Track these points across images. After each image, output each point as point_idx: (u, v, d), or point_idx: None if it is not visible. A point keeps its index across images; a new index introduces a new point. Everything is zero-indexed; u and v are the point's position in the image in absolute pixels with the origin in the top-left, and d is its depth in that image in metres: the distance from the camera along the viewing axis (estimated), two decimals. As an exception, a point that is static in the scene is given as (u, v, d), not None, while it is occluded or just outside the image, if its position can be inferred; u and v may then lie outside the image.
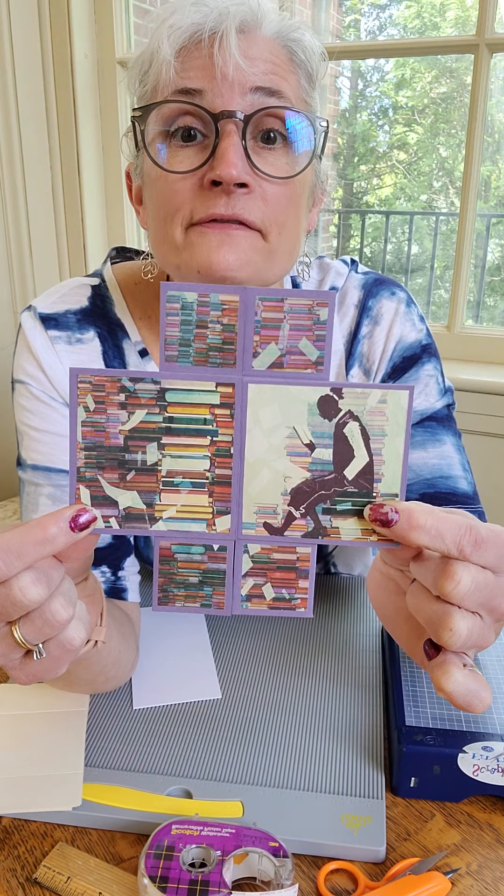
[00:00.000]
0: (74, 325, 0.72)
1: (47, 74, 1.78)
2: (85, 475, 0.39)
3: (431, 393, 0.74)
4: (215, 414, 0.39)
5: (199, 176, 0.59)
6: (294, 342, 0.38)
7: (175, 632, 0.78)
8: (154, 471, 0.39)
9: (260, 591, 0.41)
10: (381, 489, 0.39)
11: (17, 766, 0.59)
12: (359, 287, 0.76)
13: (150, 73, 0.62)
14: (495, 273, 3.13)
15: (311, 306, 0.38)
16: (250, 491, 0.39)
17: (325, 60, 0.66)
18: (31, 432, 0.71)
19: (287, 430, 0.39)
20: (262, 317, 0.38)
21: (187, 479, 0.39)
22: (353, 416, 0.39)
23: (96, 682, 0.63)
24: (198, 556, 0.40)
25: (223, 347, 0.38)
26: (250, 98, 0.58)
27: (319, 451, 0.39)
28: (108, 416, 0.39)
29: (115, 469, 0.39)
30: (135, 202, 0.70)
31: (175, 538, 0.40)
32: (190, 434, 0.39)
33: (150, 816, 0.54)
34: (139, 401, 0.39)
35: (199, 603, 0.41)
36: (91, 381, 0.38)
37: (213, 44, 0.58)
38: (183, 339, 0.38)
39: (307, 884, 0.51)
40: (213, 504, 0.40)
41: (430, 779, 0.56)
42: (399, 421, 0.39)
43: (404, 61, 3.62)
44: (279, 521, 0.40)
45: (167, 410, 0.39)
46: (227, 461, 0.39)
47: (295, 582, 0.41)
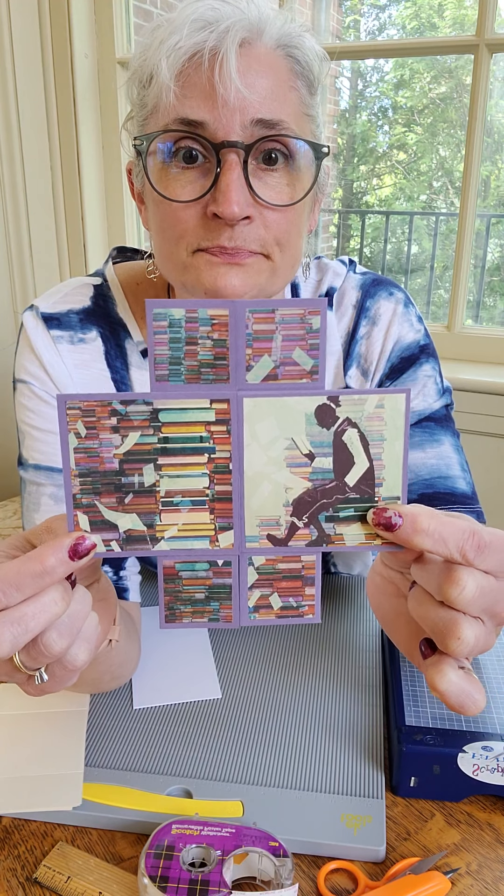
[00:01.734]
0: (77, 324, 0.72)
1: (47, 74, 1.78)
2: (81, 501, 0.39)
3: (430, 393, 0.74)
4: (211, 431, 0.38)
5: (203, 204, 0.59)
6: (287, 353, 0.38)
7: (175, 632, 0.78)
8: (153, 492, 0.39)
9: (267, 601, 0.41)
10: (383, 493, 0.39)
11: (17, 766, 0.59)
12: (357, 287, 0.76)
13: (150, 92, 0.61)
14: (495, 273, 3.13)
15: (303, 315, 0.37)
16: (252, 505, 0.39)
17: (325, 62, 0.66)
18: (33, 432, 0.71)
19: (285, 441, 0.38)
20: (254, 329, 0.37)
21: (187, 497, 0.39)
22: (352, 423, 0.38)
23: (102, 682, 0.63)
24: (203, 573, 0.40)
25: (215, 363, 0.37)
26: (251, 129, 0.58)
27: (319, 460, 0.39)
28: (101, 441, 0.38)
29: (112, 493, 0.39)
30: (137, 200, 0.70)
31: (178, 557, 0.40)
32: (187, 453, 0.38)
33: (150, 816, 0.54)
34: (132, 423, 0.38)
35: (206, 618, 0.41)
36: (80, 407, 0.37)
37: (213, 67, 0.57)
38: (173, 357, 0.37)
39: (307, 883, 0.51)
40: (214, 521, 0.39)
41: (430, 778, 0.57)
42: (397, 424, 0.38)
43: (403, 62, 3.62)
44: (282, 532, 0.40)
45: (161, 431, 0.38)
46: (227, 477, 0.39)
47: (301, 590, 0.41)
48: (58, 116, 1.80)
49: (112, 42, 1.79)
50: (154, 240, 0.66)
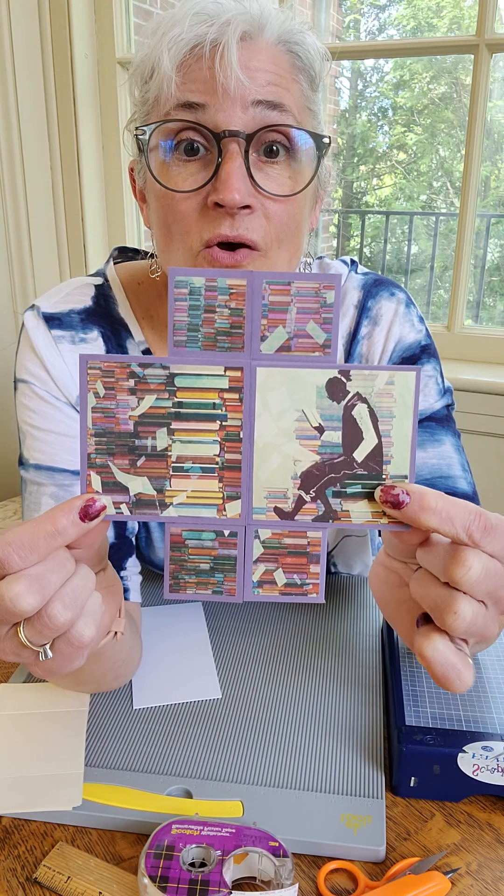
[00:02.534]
0: (78, 324, 0.72)
1: (47, 74, 1.78)
2: (95, 461, 0.39)
3: (431, 393, 0.74)
4: (224, 398, 0.39)
5: (203, 195, 0.59)
6: (301, 325, 0.38)
7: (175, 632, 0.78)
8: (164, 456, 0.39)
9: (271, 576, 0.41)
10: (391, 471, 0.39)
11: (17, 766, 0.59)
12: (358, 287, 0.76)
13: (152, 84, 0.62)
14: (495, 273, 3.13)
15: (318, 289, 0.38)
16: (260, 475, 0.39)
17: (327, 60, 0.66)
18: (34, 432, 0.71)
19: (296, 413, 0.39)
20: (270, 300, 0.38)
21: (197, 464, 0.39)
22: (362, 399, 0.39)
23: (105, 680, 0.63)
24: (209, 543, 0.40)
25: (231, 331, 0.38)
26: (252, 112, 0.58)
27: (328, 433, 0.39)
28: (118, 402, 0.39)
29: (125, 455, 0.39)
30: (139, 199, 0.70)
31: (185, 524, 0.40)
32: (199, 419, 0.39)
33: (150, 816, 0.54)
34: (148, 386, 0.39)
35: (210, 590, 0.41)
36: (101, 368, 0.39)
37: (214, 57, 0.57)
38: (191, 324, 0.38)
39: (307, 883, 0.51)
40: (223, 489, 0.40)
41: (430, 778, 0.57)
42: (407, 402, 0.39)
43: (402, 62, 3.62)
44: (289, 505, 0.40)
45: (176, 395, 0.39)
46: (237, 446, 0.39)
47: (306, 567, 0.41)
48: (58, 116, 1.80)
49: (112, 42, 1.79)
50: (156, 236, 0.66)
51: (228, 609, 0.83)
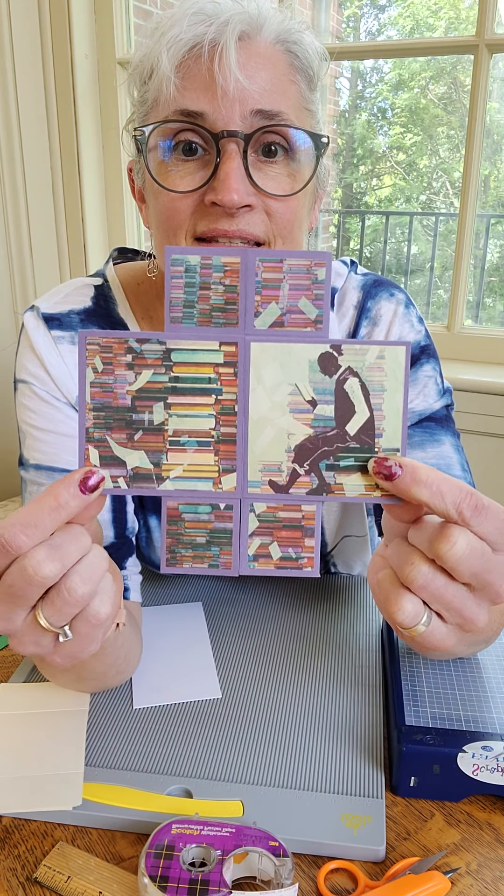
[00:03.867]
0: (78, 324, 0.72)
1: (47, 74, 1.78)
2: (93, 436, 0.40)
3: (430, 394, 0.74)
4: (219, 373, 0.40)
5: (201, 195, 0.59)
6: (294, 301, 0.39)
7: (175, 632, 0.78)
8: (161, 430, 0.40)
9: (267, 550, 0.41)
10: (383, 444, 0.40)
11: (17, 766, 0.59)
12: (358, 288, 0.76)
13: (151, 85, 0.62)
14: (494, 273, 3.13)
15: (310, 266, 0.39)
16: (255, 449, 0.40)
17: (325, 60, 0.66)
18: (34, 432, 0.71)
19: (289, 387, 0.40)
20: (263, 277, 0.39)
21: (193, 438, 0.40)
22: (353, 373, 0.39)
23: (107, 676, 0.63)
24: (205, 516, 0.41)
25: (226, 308, 0.39)
26: (251, 120, 0.59)
27: (321, 407, 0.40)
28: (116, 377, 0.40)
29: (122, 429, 0.40)
30: (138, 199, 0.70)
31: (182, 497, 0.41)
32: (195, 393, 0.40)
33: (150, 816, 0.54)
34: (145, 361, 0.40)
35: (206, 563, 0.41)
36: (99, 343, 0.39)
37: (212, 58, 0.58)
38: (187, 300, 0.39)
39: (307, 883, 0.51)
40: (218, 462, 0.40)
41: (430, 778, 0.57)
42: (398, 376, 0.39)
43: (401, 63, 3.62)
44: (284, 478, 0.40)
45: (173, 370, 0.40)
46: (232, 419, 0.40)
47: (301, 541, 0.41)
48: (58, 116, 1.80)
49: (112, 42, 1.79)
50: (154, 235, 0.66)
51: (228, 609, 0.83)
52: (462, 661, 0.68)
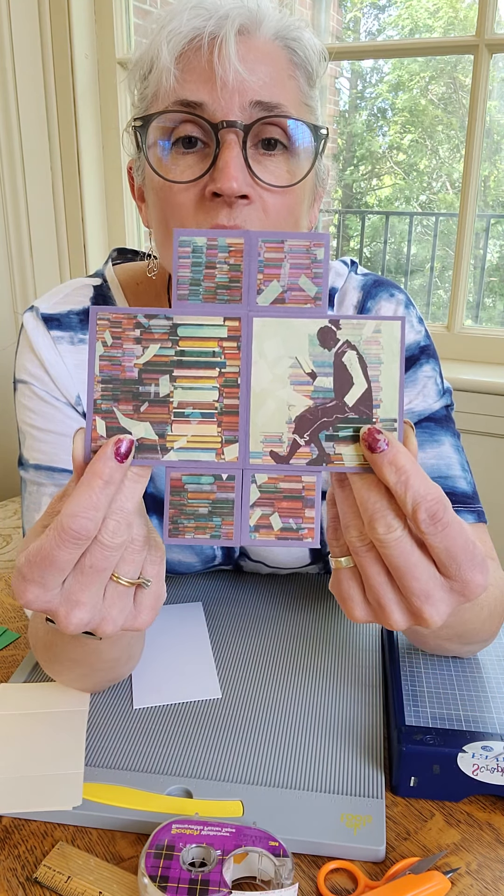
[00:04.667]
0: (77, 325, 0.72)
1: (47, 74, 1.78)
2: (101, 407, 0.41)
3: (430, 394, 0.74)
4: (223, 347, 0.41)
5: (201, 186, 0.59)
6: (294, 279, 0.41)
7: (175, 631, 0.78)
8: (166, 402, 0.41)
9: (268, 521, 0.42)
10: (380, 415, 0.41)
11: (17, 766, 0.59)
12: (358, 288, 0.76)
13: (151, 78, 0.62)
14: (494, 273, 3.13)
15: (309, 246, 0.41)
16: (257, 420, 0.41)
17: (325, 59, 0.66)
18: (34, 432, 0.71)
19: (290, 360, 0.41)
20: (265, 257, 0.41)
21: (197, 409, 0.41)
22: (351, 346, 0.41)
23: (119, 663, 0.63)
24: (207, 487, 0.42)
25: (230, 285, 0.41)
26: (250, 111, 0.59)
27: (321, 379, 0.41)
28: (124, 351, 0.41)
29: (129, 401, 0.41)
30: (137, 199, 0.70)
31: (186, 468, 0.42)
32: (200, 366, 0.41)
33: (150, 816, 0.54)
34: (153, 336, 0.41)
35: (208, 534, 0.42)
36: (109, 318, 0.41)
37: (212, 50, 0.58)
38: (193, 279, 0.41)
39: (307, 883, 0.51)
40: (221, 433, 0.41)
41: (430, 778, 0.57)
42: (394, 349, 0.41)
43: (401, 64, 3.62)
44: (284, 449, 0.41)
45: (179, 344, 0.41)
46: (235, 391, 0.41)
47: (301, 511, 0.42)
48: (58, 116, 1.80)
49: (112, 42, 1.79)
50: (154, 233, 0.66)
51: (228, 609, 0.83)
52: (462, 661, 0.68)
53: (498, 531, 1.46)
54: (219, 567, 0.87)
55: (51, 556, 0.40)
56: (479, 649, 0.67)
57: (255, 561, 0.84)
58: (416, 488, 0.39)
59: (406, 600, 0.43)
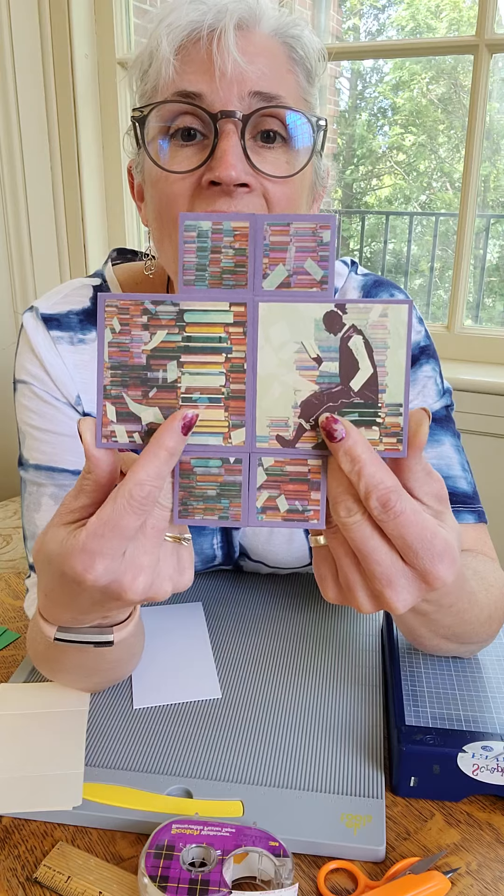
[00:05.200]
0: (76, 325, 0.72)
1: (47, 74, 1.78)
2: (111, 392, 0.42)
3: (430, 394, 0.74)
4: (229, 332, 0.41)
5: (199, 176, 0.59)
6: (300, 263, 0.41)
7: (175, 631, 0.78)
8: (174, 388, 0.42)
9: (274, 503, 0.42)
10: (386, 399, 0.41)
11: (17, 766, 0.59)
12: (358, 288, 0.76)
13: (150, 72, 0.62)
14: (494, 273, 3.13)
15: (315, 229, 0.40)
16: (263, 405, 0.42)
17: (324, 57, 0.66)
18: (34, 432, 0.71)
19: (295, 345, 0.41)
20: (270, 240, 0.41)
21: (204, 394, 0.42)
22: (357, 331, 0.41)
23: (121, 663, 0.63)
24: (215, 469, 0.42)
25: (235, 270, 0.41)
26: (249, 101, 0.59)
27: (326, 364, 0.41)
28: (132, 337, 0.41)
29: (138, 387, 0.42)
30: (136, 198, 0.70)
31: (194, 452, 0.42)
32: (206, 352, 0.41)
33: (150, 816, 0.54)
34: (160, 322, 0.41)
35: (216, 515, 0.43)
36: (117, 305, 0.41)
37: (211, 41, 0.58)
38: (199, 264, 0.41)
39: (307, 883, 0.51)
40: (228, 418, 0.42)
41: (430, 778, 0.57)
42: (400, 334, 0.40)
43: (401, 64, 3.62)
44: (290, 433, 0.42)
45: (185, 330, 0.41)
46: (241, 376, 0.41)
47: (307, 494, 0.42)
48: (58, 116, 1.80)
49: (112, 42, 1.79)
50: (152, 228, 0.66)
51: (228, 609, 0.83)
52: (462, 661, 0.68)
53: (498, 531, 1.46)
54: (219, 567, 0.87)
55: (120, 524, 0.41)
56: (478, 650, 0.67)
57: (255, 561, 0.84)
58: (368, 477, 0.40)
59: (370, 584, 0.43)
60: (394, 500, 0.40)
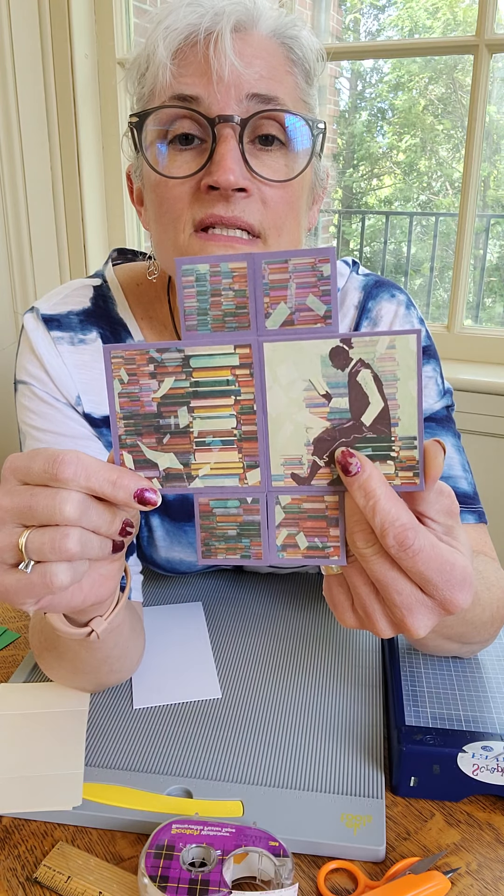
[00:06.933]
0: (77, 325, 0.72)
1: (47, 74, 1.78)
2: (126, 442, 0.42)
3: (430, 394, 0.74)
4: (236, 374, 0.41)
5: (197, 180, 0.59)
6: (301, 299, 0.40)
7: (175, 631, 0.78)
8: (187, 433, 0.42)
9: (294, 540, 0.42)
10: (399, 433, 0.41)
11: (17, 766, 0.59)
12: (359, 288, 0.76)
13: (148, 75, 0.62)
14: (494, 273, 3.13)
15: (314, 263, 0.40)
16: (276, 444, 0.42)
17: (322, 58, 0.66)
18: (35, 433, 0.71)
19: (304, 383, 0.41)
20: (270, 279, 0.40)
21: (217, 437, 0.42)
22: (365, 364, 0.40)
23: (101, 672, 0.63)
24: (234, 510, 0.43)
25: (237, 312, 0.41)
26: (246, 104, 0.59)
27: (336, 400, 0.41)
28: (141, 387, 0.42)
29: (152, 434, 0.42)
30: (136, 203, 0.70)
31: (212, 494, 0.42)
32: (215, 395, 0.42)
33: (150, 816, 0.54)
34: (167, 369, 0.42)
35: (239, 554, 0.43)
36: (123, 356, 0.42)
37: (208, 45, 0.58)
38: (200, 308, 0.41)
39: (307, 883, 0.51)
40: (242, 459, 0.42)
41: (430, 778, 0.57)
42: (410, 365, 0.40)
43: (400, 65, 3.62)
44: (305, 471, 0.42)
45: (192, 376, 0.42)
46: (252, 418, 0.42)
47: (326, 530, 0.42)
48: (58, 116, 1.80)
49: (112, 42, 1.79)
50: (152, 232, 0.66)
51: (228, 609, 0.83)
52: (462, 661, 0.68)
53: (498, 531, 1.46)
54: (219, 567, 0.87)
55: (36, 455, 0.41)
56: (479, 649, 0.67)
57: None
58: (384, 514, 0.39)
59: (390, 612, 0.43)
60: (411, 537, 0.39)
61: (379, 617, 0.43)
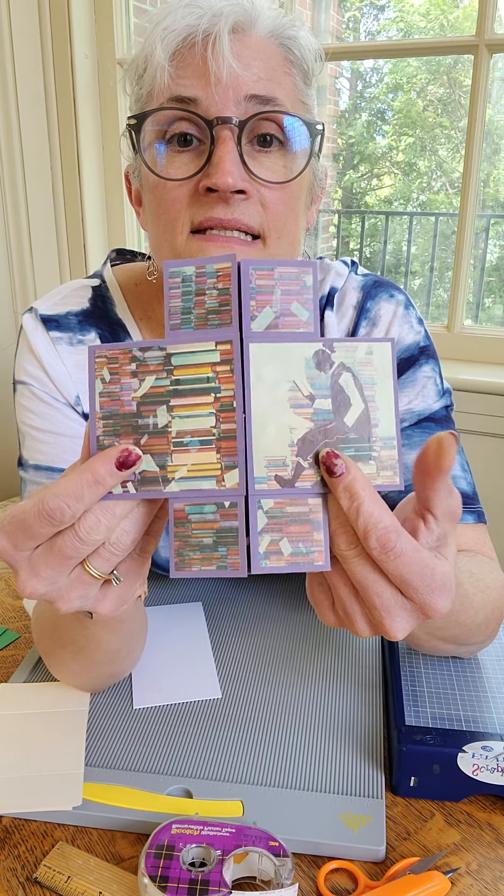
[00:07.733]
0: (76, 326, 0.72)
1: (47, 74, 1.78)
2: (104, 443, 0.42)
3: (429, 394, 0.74)
4: (217, 371, 0.41)
5: (196, 182, 0.59)
6: (286, 305, 0.42)
7: (175, 632, 0.78)
8: (165, 433, 0.42)
9: (277, 547, 0.42)
10: (379, 434, 0.42)
11: (17, 766, 0.59)
12: (358, 288, 0.76)
13: (146, 77, 0.62)
14: (494, 273, 3.13)
15: (298, 273, 0.42)
16: (260, 445, 0.41)
17: (321, 58, 0.66)
18: (34, 433, 0.71)
19: (288, 384, 0.41)
20: (257, 284, 0.41)
21: (196, 437, 0.42)
22: (346, 368, 0.42)
23: (119, 657, 0.63)
24: (210, 516, 0.42)
25: (220, 310, 0.41)
26: (245, 106, 0.59)
27: (319, 401, 0.41)
28: (122, 386, 0.42)
29: (130, 434, 0.42)
30: (134, 203, 0.70)
31: (187, 498, 0.42)
32: (195, 393, 0.41)
33: (150, 816, 0.54)
34: (148, 368, 0.42)
35: (214, 565, 0.42)
36: (106, 355, 0.42)
37: (206, 47, 0.58)
38: (185, 308, 0.42)
39: (307, 883, 0.51)
40: (220, 460, 0.41)
41: (430, 778, 0.57)
42: (386, 370, 0.42)
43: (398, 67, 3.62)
44: (289, 472, 0.41)
45: (173, 373, 0.42)
46: (231, 415, 0.41)
47: (310, 534, 0.42)
48: (58, 116, 1.80)
49: (112, 42, 1.79)
50: (150, 233, 0.66)
51: (228, 609, 0.83)
52: (462, 661, 0.68)
53: (498, 531, 1.46)
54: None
55: (27, 522, 0.40)
56: (477, 650, 0.67)
57: None
58: (367, 516, 0.39)
59: (369, 613, 0.43)
60: (393, 539, 0.40)
61: (358, 618, 0.43)
